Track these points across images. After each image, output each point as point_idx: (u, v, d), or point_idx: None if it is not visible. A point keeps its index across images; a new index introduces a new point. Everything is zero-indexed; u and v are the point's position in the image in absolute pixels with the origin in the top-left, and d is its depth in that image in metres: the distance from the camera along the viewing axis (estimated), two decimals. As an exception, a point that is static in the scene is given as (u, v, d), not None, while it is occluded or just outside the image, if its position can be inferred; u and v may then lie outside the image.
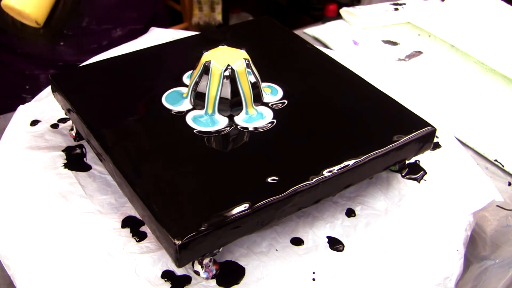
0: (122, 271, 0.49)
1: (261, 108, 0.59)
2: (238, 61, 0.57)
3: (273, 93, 0.61)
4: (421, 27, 0.95)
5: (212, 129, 0.56)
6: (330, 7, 1.84)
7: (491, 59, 0.85)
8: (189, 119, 0.57)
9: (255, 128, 0.56)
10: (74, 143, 0.63)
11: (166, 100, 0.59)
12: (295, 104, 0.60)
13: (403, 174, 0.62)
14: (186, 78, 0.63)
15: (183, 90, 0.61)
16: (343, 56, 0.80)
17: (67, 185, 0.58)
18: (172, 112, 0.58)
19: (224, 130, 0.56)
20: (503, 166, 0.68)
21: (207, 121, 0.57)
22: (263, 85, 0.62)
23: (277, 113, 0.58)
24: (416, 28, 0.96)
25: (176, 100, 0.59)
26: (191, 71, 0.64)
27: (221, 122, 0.57)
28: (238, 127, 0.57)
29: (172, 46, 0.70)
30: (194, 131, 0.56)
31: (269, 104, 0.59)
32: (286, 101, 0.60)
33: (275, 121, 0.57)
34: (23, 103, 0.68)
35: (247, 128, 0.56)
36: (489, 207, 0.60)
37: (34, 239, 0.52)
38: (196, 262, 0.49)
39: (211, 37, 0.74)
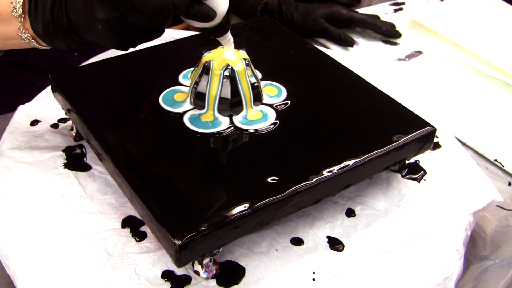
0: (122, 271, 0.49)
1: (265, 109, 0.59)
2: (238, 61, 0.57)
3: (278, 95, 0.61)
4: (422, 23, 0.95)
5: (213, 130, 0.56)
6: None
7: (492, 57, 0.85)
8: (187, 120, 0.57)
9: (256, 130, 0.56)
10: (74, 143, 0.63)
11: (164, 101, 0.59)
12: (296, 104, 0.60)
13: (403, 174, 0.62)
14: (181, 78, 0.63)
15: (179, 89, 0.61)
16: (343, 56, 0.80)
17: (67, 185, 0.58)
18: (171, 113, 0.58)
19: (225, 132, 0.56)
20: (503, 166, 0.68)
21: (208, 122, 0.57)
22: (264, 84, 0.62)
23: (280, 114, 0.58)
24: (416, 28, 0.96)
25: (174, 100, 0.59)
26: (186, 71, 0.64)
27: (223, 123, 0.57)
28: (239, 128, 0.56)
29: (172, 46, 0.70)
30: (195, 132, 0.56)
31: (274, 105, 0.59)
32: (289, 102, 0.60)
33: (277, 122, 0.57)
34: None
35: (247, 130, 0.56)
36: (489, 207, 0.60)
37: (34, 239, 0.52)
38: (196, 262, 0.49)
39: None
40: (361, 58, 0.87)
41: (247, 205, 0.47)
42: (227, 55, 0.57)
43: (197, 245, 0.45)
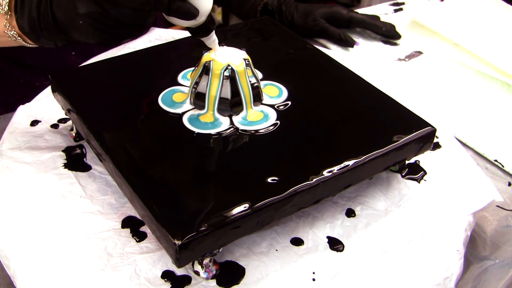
0: (122, 271, 0.49)
1: (266, 109, 0.59)
2: (238, 61, 0.57)
3: (279, 95, 0.61)
4: (422, 23, 0.95)
5: (213, 131, 0.56)
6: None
7: (492, 57, 0.85)
8: (186, 120, 0.57)
9: (256, 130, 0.56)
10: (74, 143, 0.63)
11: (163, 101, 0.59)
12: (297, 105, 0.60)
13: (403, 174, 0.62)
14: (180, 78, 0.63)
15: (178, 89, 0.61)
16: (343, 56, 0.80)
17: (67, 185, 0.58)
18: (170, 113, 0.58)
19: (225, 132, 0.56)
20: (503, 166, 0.68)
21: (208, 123, 0.57)
22: (265, 84, 0.62)
23: (280, 114, 0.58)
24: (416, 28, 0.96)
25: (173, 101, 0.59)
26: (184, 71, 0.64)
27: (223, 124, 0.57)
28: (239, 129, 0.56)
29: (172, 46, 0.71)
30: (195, 133, 0.56)
31: (275, 106, 0.59)
32: (289, 103, 0.60)
33: (278, 122, 0.57)
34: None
35: (248, 130, 0.56)
36: (489, 207, 0.60)
37: (34, 239, 0.52)
38: (196, 262, 0.49)
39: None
40: (361, 58, 0.87)
41: (247, 205, 0.47)
42: (214, 55, 0.57)
43: (197, 245, 0.45)
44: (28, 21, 0.52)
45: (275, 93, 0.61)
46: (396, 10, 1.03)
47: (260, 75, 0.64)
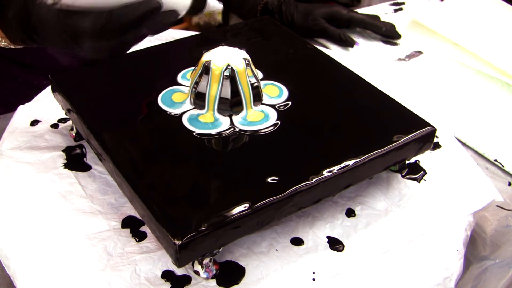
0: (122, 271, 0.49)
1: (267, 109, 0.59)
2: (238, 61, 0.57)
3: (279, 95, 0.61)
4: (422, 23, 0.95)
5: (213, 131, 0.56)
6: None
7: (492, 57, 0.85)
8: (186, 120, 0.57)
9: (257, 130, 0.56)
10: (74, 143, 0.63)
11: (162, 101, 0.59)
12: (297, 105, 0.60)
13: (403, 174, 0.62)
14: (180, 78, 0.63)
15: (178, 89, 0.61)
16: (343, 56, 0.80)
17: (67, 185, 0.58)
18: (170, 113, 0.58)
19: (225, 132, 0.56)
20: (503, 166, 0.68)
21: (208, 123, 0.57)
22: (266, 84, 0.62)
23: (281, 114, 0.58)
24: (416, 28, 0.96)
25: (173, 101, 0.59)
26: (184, 71, 0.64)
27: (223, 124, 0.57)
28: (239, 129, 0.56)
29: (171, 46, 0.71)
30: (194, 133, 0.56)
31: (276, 106, 0.59)
32: (290, 103, 0.60)
33: (278, 122, 0.57)
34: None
35: (248, 130, 0.56)
36: (489, 207, 0.60)
37: (34, 239, 0.52)
38: (196, 262, 0.49)
39: (211, 37, 0.74)
40: (361, 58, 0.87)
41: (247, 205, 0.47)
42: (214, 55, 0.57)
43: (197, 245, 0.45)
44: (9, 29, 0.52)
45: (276, 93, 0.61)
46: (396, 10, 1.03)
47: (260, 75, 0.64)
